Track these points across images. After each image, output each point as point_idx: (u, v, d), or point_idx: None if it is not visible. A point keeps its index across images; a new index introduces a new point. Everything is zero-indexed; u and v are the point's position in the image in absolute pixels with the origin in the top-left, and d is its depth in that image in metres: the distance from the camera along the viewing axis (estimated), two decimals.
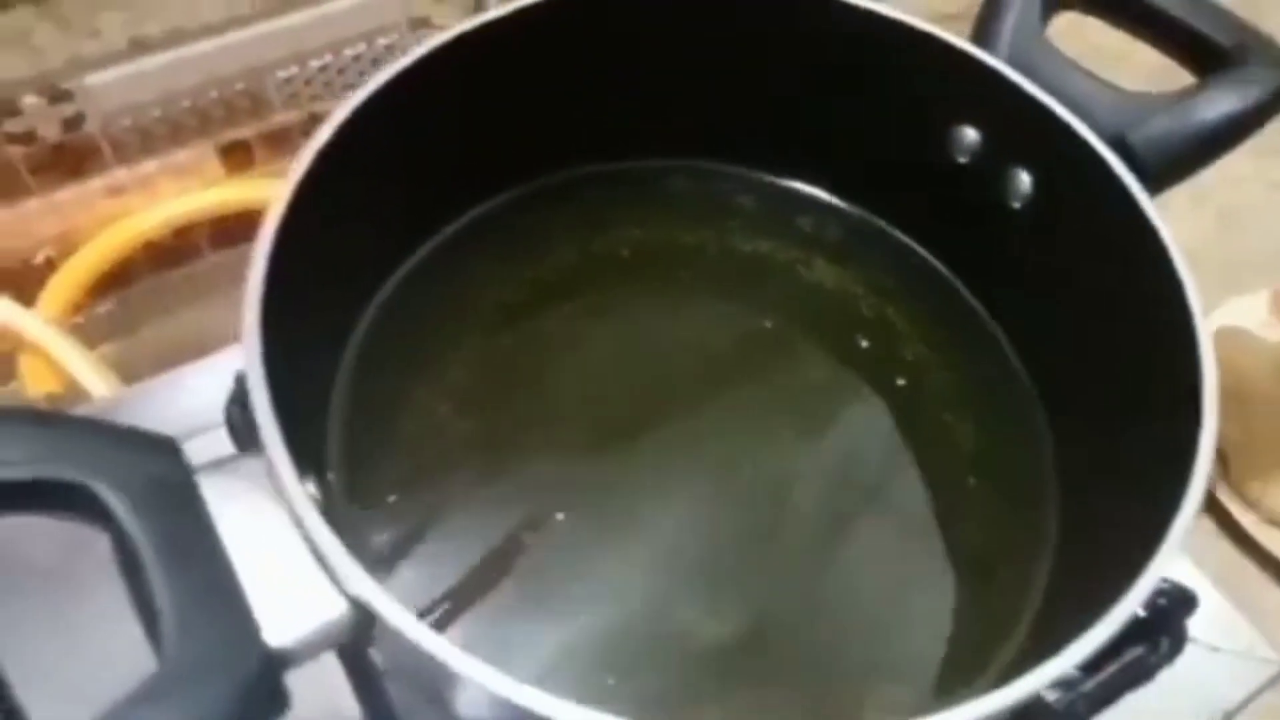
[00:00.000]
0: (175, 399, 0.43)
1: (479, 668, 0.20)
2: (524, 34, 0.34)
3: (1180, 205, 0.69)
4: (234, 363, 0.40)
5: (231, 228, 0.51)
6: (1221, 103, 0.33)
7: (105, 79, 0.42)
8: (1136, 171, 0.32)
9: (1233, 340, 0.60)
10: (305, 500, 0.22)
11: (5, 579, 0.22)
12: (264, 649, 0.22)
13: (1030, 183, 0.35)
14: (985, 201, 0.36)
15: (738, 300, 0.40)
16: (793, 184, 0.42)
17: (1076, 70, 0.35)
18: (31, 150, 0.42)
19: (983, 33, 0.36)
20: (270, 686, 0.22)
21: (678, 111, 0.39)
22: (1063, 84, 0.34)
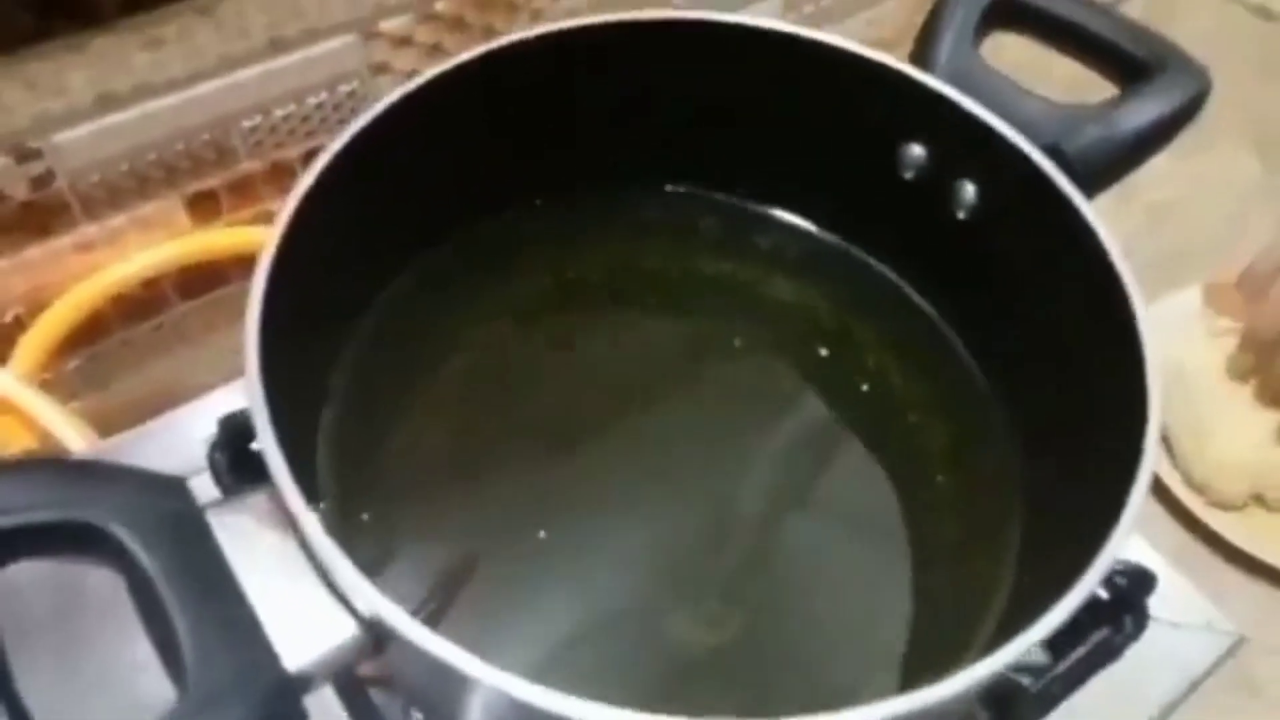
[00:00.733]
0: (153, 449, 0.43)
1: (501, 675, 0.21)
2: (492, 73, 0.36)
3: (1109, 206, 0.72)
4: (210, 410, 0.41)
5: (199, 277, 0.51)
6: (1146, 110, 0.35)
7: (73, 136, 0.42)
8: (1071, 177, 0.34)
9: (1171, 332, 0.63)
10: (316, 525, 0.23)
11: (20, 626, 0.22)
12: (282, 674, 0.23)
13: (975, 193, 0.38)
14: (934, 213, 0.39)
15: (705, 319, 0.42)
16: (752, 205, 0.44)
17: (1011, 86, 0.37)
18: (0, 210, 0.42)
19: (921, 54, 0.38)
20: (290, 709, 0.22)
21: (640, 140, 0.41)
22: (999, 99, 0.36)
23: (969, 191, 0.38)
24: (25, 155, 0.41)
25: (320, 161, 0.31)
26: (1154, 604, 0.40)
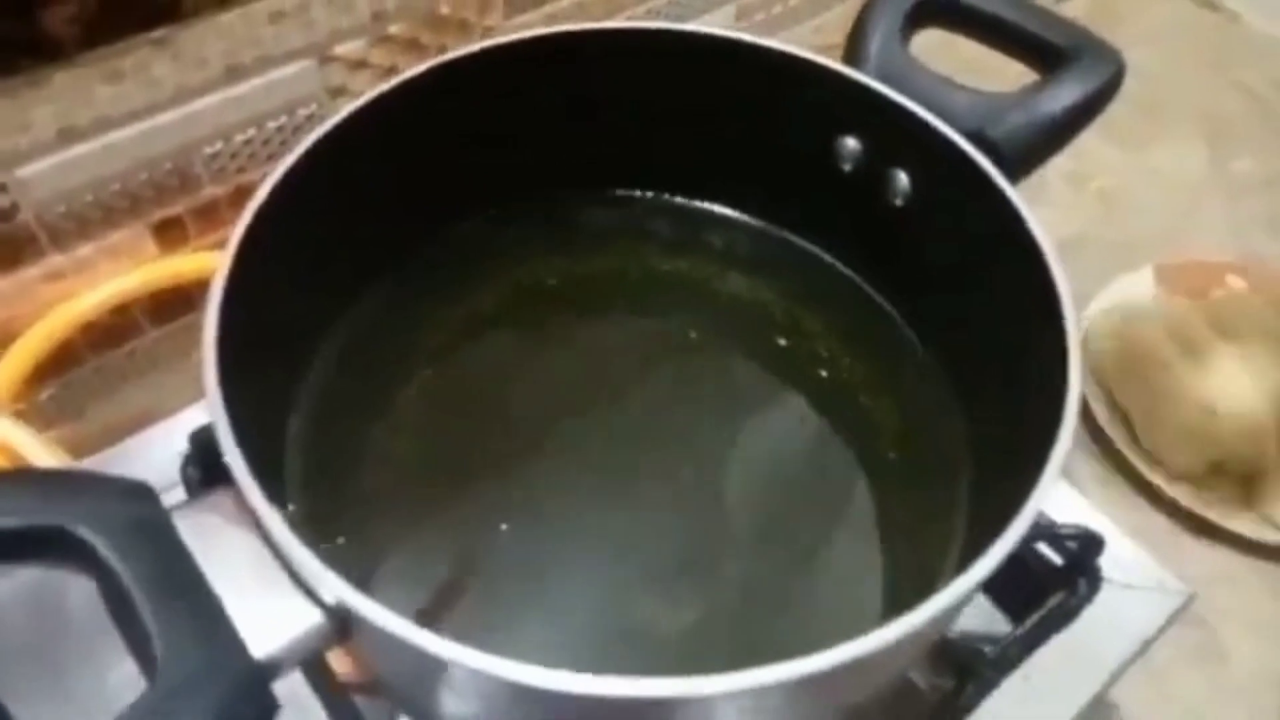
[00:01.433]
0: (128, 467, 0.44)
1: (465, 651, 0.22)
2: (440, 88, 0.37)
3: (1063, 194, 0.74)
4: (182, 428, 0.42)
5: (169, 302, 0.52)
6: (1064, 94, 0.37)
7: (37, 169, 0.43)
8: (997, 161, 0.36)
9: (1126, 313, 0.65)
10: (277, 519, 0.24)
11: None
12: (250, 661, 0.24)
13: (908, 181, 0.39)
14: (872, 203, 0.40)
15: (661, 316, 0.43)
16: (702, 204, 0.45)
17: (938, 79, 0.39)
18: None
19: (853, 53, 0.40)
20: (260, 694, 0.24)
21: (588, 147, 0.43)
22: (926, 92, 0.38)
23: (902, 180, 0.39)
24: None
25: (271, 179, 0.32)
26: (1106, 567, 0.41)
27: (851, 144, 0.40)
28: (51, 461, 0.44)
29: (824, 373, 0.42)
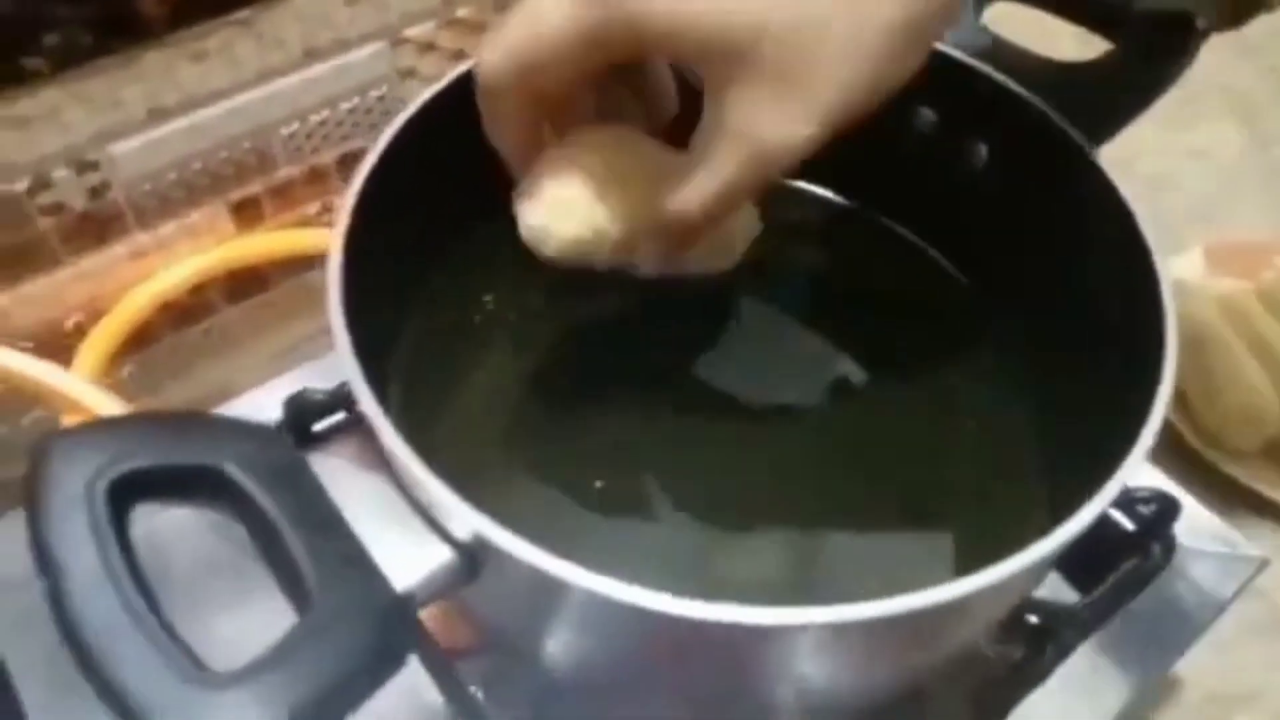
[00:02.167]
0: None
1: (598, 578, 0.23)
2: None
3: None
4: (266, 401, 0.43)
5: (244, 282, 0.54)
6: (1141, 61, 0.38)
7: (127, 148, 0.44)
8: (1076, 126, 0.37)
9: (1179, 294, 0.66)
10: (414, 457, 0.25)
11: (165, 572, 0.24)
12: (394, 594, 0.25)
13: (986, 151, 0.40)
14: (948, 173, 0.41)
15: (737, 288, 0.44)
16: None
17: (1014, 48, 0.40)
18: (61, 220, 0.44)
19: None
20: (405, 625, 0.24)
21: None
22: (1003, 60, 0.39)
23: (981, 150, 0.40)
24: (84, 167, 0.44)
25: (383, 139, 0.33)
26: (1179, 533, 0.42)
27: (928, 114, 0.41)
28: None
29: (898, 343, 0.42)
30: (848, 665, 0.31)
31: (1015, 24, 0.44)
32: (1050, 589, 0.43)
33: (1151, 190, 0.75)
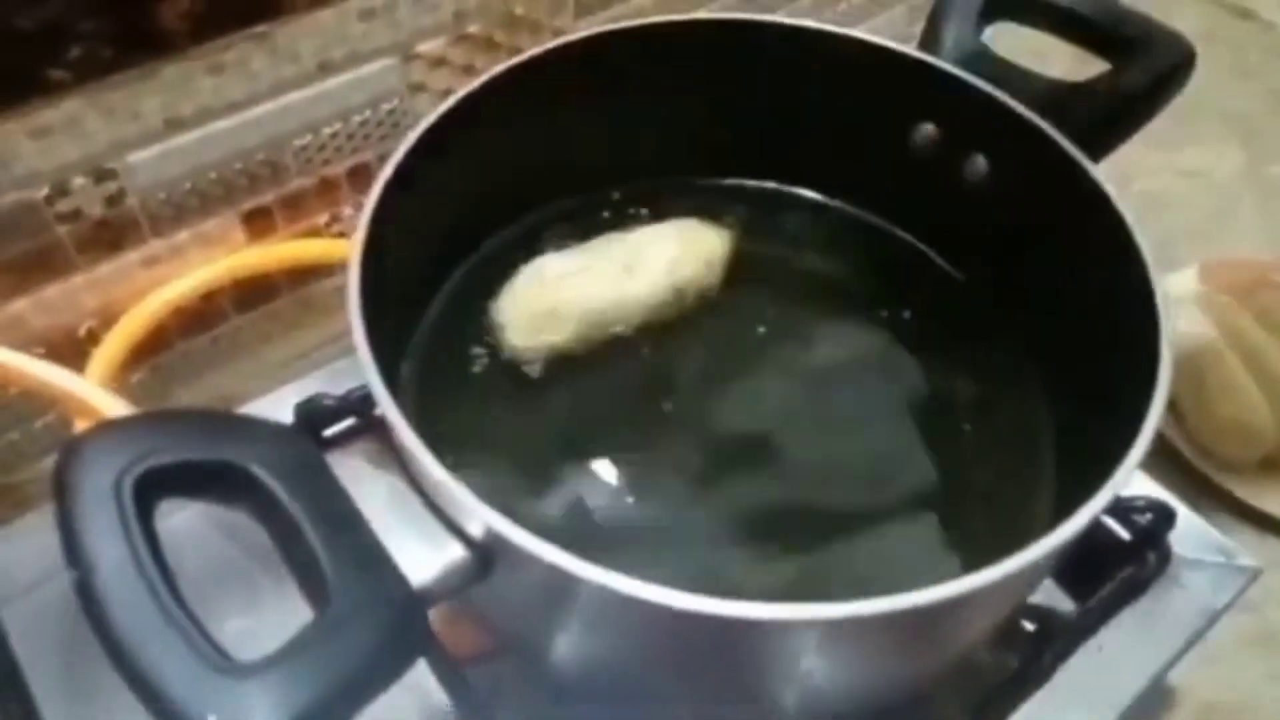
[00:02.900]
0: None
1: (606, 573, 0.24)
2: (534, 78, 0.39)
3: None
4: (277, 406, 0.44)
5: (253, 291, 0.54)
6: (1138, 79, 0.39)
7: (144, 157, 0.45)
8: (1074, 142, 0.38)
9: (1175, 310, 0.66)
10: (431, 457, 0.26)
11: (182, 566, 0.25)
12: (410, 590, 0.25)
13: (987, 164, 0.41)
14: (951, 185, 0.42)
15: (743, 294, 0.45)
16: (778, 187, 0.47)
17: (1013, 67, 0.41)
18: (77, 228, 0.45)
19: (929, 41, 0.41)
20: (421, 621, 0.25)
21: (666, 135, 0.44)
22: (1002, 77, 0.40)
23: (980, 163, 0.41)
24: (102, 176, 0.44)
25: (402, 148, 0.34)
26: (1174, 542, 0.43)
27: (929, 129, 0.42)
28: None
29: (903, 347, 0.43)
30: (850, 668, 0.31)
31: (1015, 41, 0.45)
32: (1047, 597, 0.43)
33: (1148, 209, 0.75)
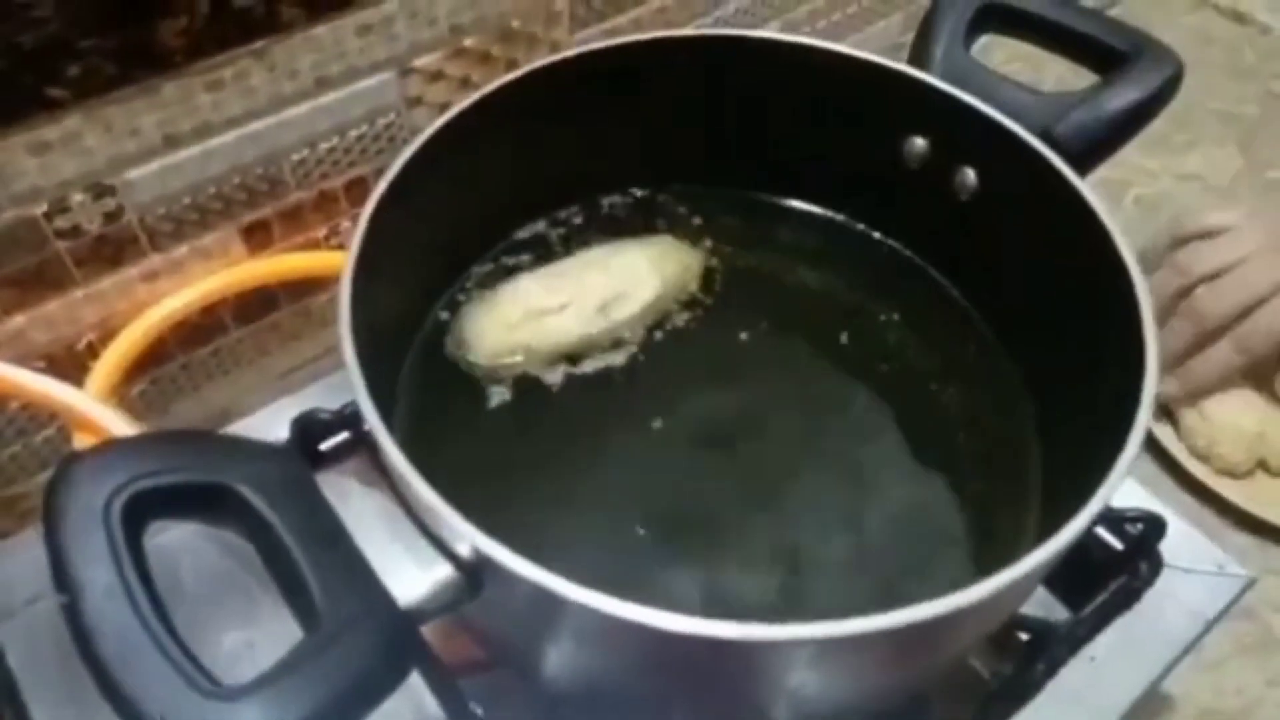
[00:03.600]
0: None
1: (592, 594, 0.24)
2: (530, 92, 0.39)
3: (1102, 199, 0.76)
4: (272, 421, 0.44)
5: (253, 303, 0.55)
6: (1126, 94, 0.39)
7: (143, 173, 0.46)
8: (1062, 157, 0.38)
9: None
10: (419, 477, 0.26)
11: (174, 586, 0.25)
12: (398, 610, 0.26)
13: (976, 178, 0.41)
14: (941, 199, 0.42)
15: (734, 309, 0.45)
16: (771, 199, 0.47)
17: (1002, 80, 0.41)
18: (76, 243, 0.46)
19: (918, 56, 0.42)
20: (410, 641, 0.25)
21: (660, 146, 0.45)
22: (991, 92, 0.40)
23: (970, 176, 0.41)
24: (101, 192, 0.45)
25: (391, 171, 0.34)
26: (1166, 552, 0.43)
27: (920, 143, 0.42)
28: None
29: (894, 359, 0.43)
30: (839, 680, 0.31)
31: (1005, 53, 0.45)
32: (1041, 606, 0.44)
33: (1146, 212, 0.76)
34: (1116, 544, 0.42)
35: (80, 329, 0.49)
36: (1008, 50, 0.44)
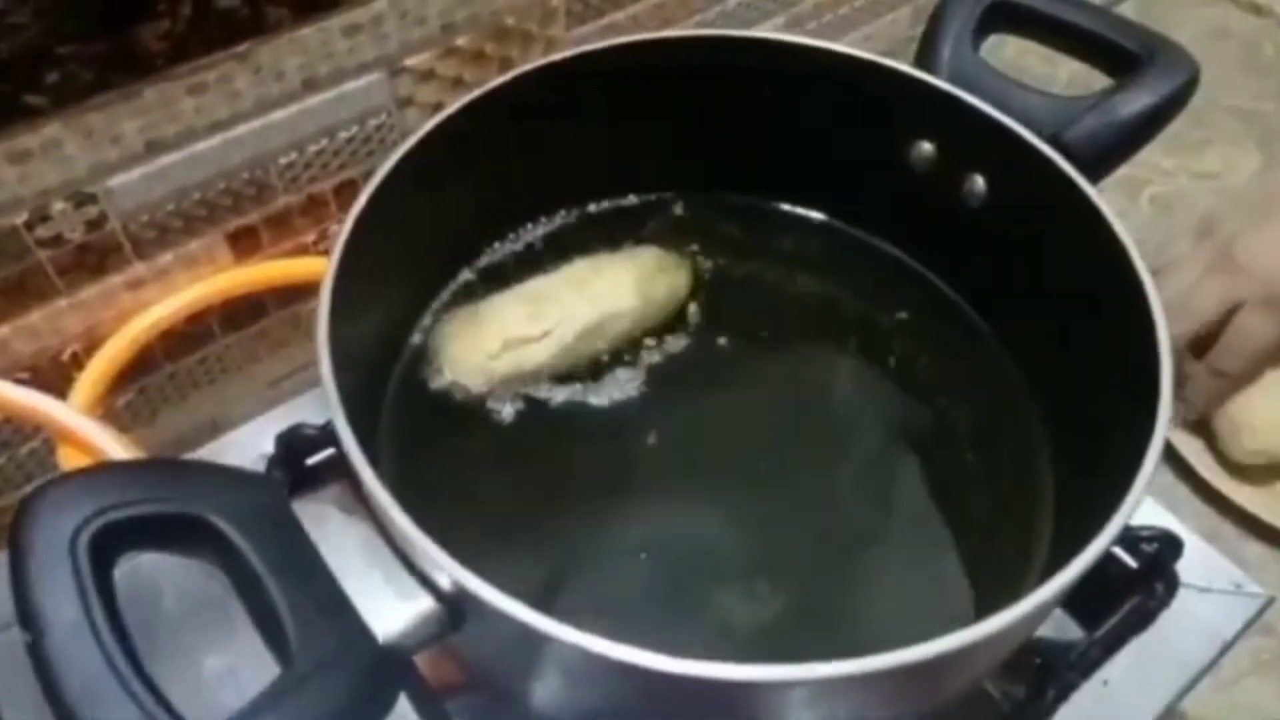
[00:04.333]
0: None
1: (569, 631, 0.23)
2: (521, 95, 0.38)
3: (1116, 201, 0.74)
4: (260, 434, 0.43)
5: (241, 311, 0.53)
6: (1140, 98, 0.37)
7: (125, 180, 0.44)
8: (1073, 164, 0.36)
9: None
10: (398, 508, 0.25)
11: (147, 619, 0.24)
12: (377, 645, 0.24)
13: (984, 184, 0.40)
14: (948, 205, 0.41)
15: (735, 317, 0.43)
16: (773, 205, 0.46)
17: (1011, 83, 0.39)
18: (59, 253, 0.44)
19: (925, 58, 0.40)
20: (388, 676, 0.24)
21: (659, 149, 0.43)
22: (1001, 95, 0.38)
23: (979, 182, 0.40)
24: (82, 200, 0.44)
25: (372, 183, 0.33)
26: (1183, 571, 0.41)
27: (926, 148, 0.41)
28: None
29: (899, 373, 0.42)
30: (842, 715, 0.30)
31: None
32: (1055, 626, 0.42)
33: (1163, 211, 0.74)
34: (1131, 562, 0.41)
35: (64, 339, 0.48)
36: (1020, 42, 0.43)
